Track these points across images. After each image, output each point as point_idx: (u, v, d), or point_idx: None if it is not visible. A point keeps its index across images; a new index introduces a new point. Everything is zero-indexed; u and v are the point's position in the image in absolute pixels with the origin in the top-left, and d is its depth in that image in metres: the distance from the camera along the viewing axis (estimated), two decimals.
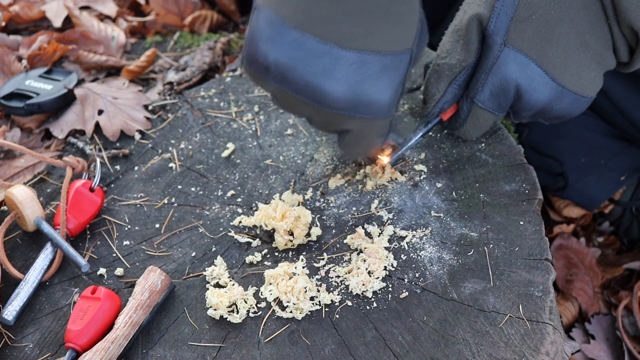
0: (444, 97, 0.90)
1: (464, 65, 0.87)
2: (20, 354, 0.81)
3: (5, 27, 1.40)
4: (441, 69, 0.89)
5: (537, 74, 0.84)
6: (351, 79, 0.75)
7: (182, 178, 1.00)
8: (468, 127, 0.92)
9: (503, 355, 0.73)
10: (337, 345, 0.76)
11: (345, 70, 0.74)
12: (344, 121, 0.80)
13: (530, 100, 0.86)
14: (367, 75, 0.75)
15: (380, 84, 0.76)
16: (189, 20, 1.36)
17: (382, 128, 0.82)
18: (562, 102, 0.87)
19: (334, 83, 0.74)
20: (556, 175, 1.38)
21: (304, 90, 0.76)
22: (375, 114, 0.79)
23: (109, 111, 1.09)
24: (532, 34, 0.82)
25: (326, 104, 0.77)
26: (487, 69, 0.85)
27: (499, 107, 0.88)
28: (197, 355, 0.78)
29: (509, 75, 0.84)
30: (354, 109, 0.77)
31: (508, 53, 0.83)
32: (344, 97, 0.76)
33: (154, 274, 0.83)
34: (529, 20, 0.82)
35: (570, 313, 1.35)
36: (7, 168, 1.04)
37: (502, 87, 0.85)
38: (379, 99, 0.77)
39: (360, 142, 0.85)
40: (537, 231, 0.84)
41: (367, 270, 0.82)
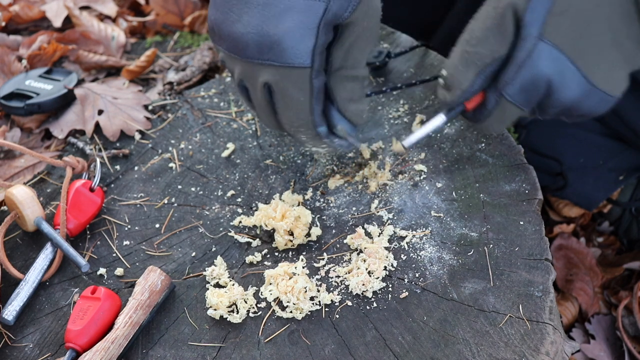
0: (471, 87, 0.84)
1: (495, 56, 0.82)
2: (20, 354, 0.81)
3: (5, 27, 1.40)
4: (471, 57, 0.84)
5: (570, 71, 0.80)
6: (256, 20, 0.78)
7: (182, 178, 1.00)
8: (492, 120, 0.87)
9: (503, 355, 0.73)
10: (337, 345, 0.76)
11: (252, 13, 0.78)
12: (260, 71, 0.81)
13: (560, 97, 0.82)
14: (271, 16, 0.77)
15: (284, 23, 0.77)
16: (189, 20, 1.36)
17: (300, 81, 0.80)
18: (590, 101, 0.84)
19: (241, 26, 0.79)
20: (555, 175, 1.38)
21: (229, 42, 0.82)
22: (284, 58, 0.79)
23: (109, 111, 1.09)
24: (568, 28, 0.79)
25: (242, 52, 0.81)
26: (519, 62, 0.80)
27: (527, 102, 0.84)
28: (197, 355, 0.78)
29: (542, 70, 0.80)
30: (264, 53, 0.79)
31: (543, 47, 0.79)
32: (253, 39, 0.79)
33: (154, 274, 0.83)
34: (565, 14, 0.78)
35: (570, 313, 1.35)
36: (7, 168, 1.04)
37: (534, 82, 0.81)
38: (282, 39, 0.78)
39: (285, 102, 0.83)
40: (537, 231, 0.84)
41: (367, 270, 0.82)
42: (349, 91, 0.85)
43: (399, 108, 1.03)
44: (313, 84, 0.81)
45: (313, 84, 0.81)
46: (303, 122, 0.85)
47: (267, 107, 0.86)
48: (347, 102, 0.85)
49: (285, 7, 0.78)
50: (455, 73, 0.86)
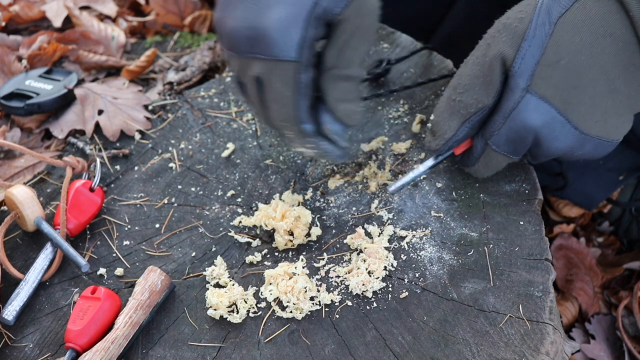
0: (455, 136, 0.84)
1: (480, 107, 0.81)
2: (20, 354, 0.81)
3: (5, 27, 1.40)
4: (456, 105, 0.83)
5: (559, 123, 0.78)
6: (246, 14, 0.78)
7: (182, 178, 1.00)
8: (480, 166, 0.87)
9: (503, 355, 0.73)
10: (337, 345, 0.76)
11: (243, 7, 0.78)
12: (250, 65, 0.81)
13: (549, 148, 0.81)
14: (260, 8, 0.77)
15: (271, 15, 0.77)
16: (189, 20, 1.36)
17: (285, 75, 0.79)
18: (585, 148, 0.82)
19: (234, 21, 0.79)
20: (555, 175, 1.38)
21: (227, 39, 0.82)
22: (270, 51, 0.78)
23: (109, 111, 1.09)
24: (558, 80, 0.77)
25: (235, 47, 0.81)
26: (505, 113, 0.79)
27: (515, 151, 0.83)
28: (197, 355, 0.78)
29: (528, 122, 0.78)
30: (253, 47, 0.79)
31: (530, 99, 0.77)
32: (242, 33, 0.79)
33: (154, 274, 0.83)
34: (556, 66, 0.76)
35: (570, 313, 1.35)
36: (7, 168, 1.04)
37: (520, 134, 0.80)
38: (269, 31, 0.77)
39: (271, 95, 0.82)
40: (537, 231, 0.84)
41: (367, 270, 0.82)
42: (341, 91, 0.83)
43: (399, 108, 1.03)
44: (299, 79, 0.80)
45: (299, 78, 0.80)
46: (287, 116, 0.83)
47: (259, 101, 0.85)
48: (338, 102, 0.83)
49: (275, 0, 0.77)
50: (440, 121, 0.85)
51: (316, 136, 0.85)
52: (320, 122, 0.84)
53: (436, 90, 1.04)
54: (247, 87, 0.85)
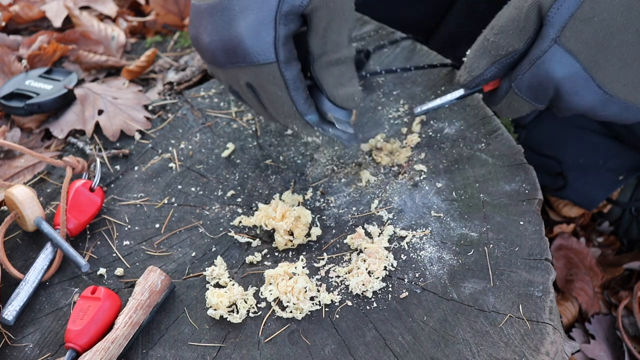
0: (483, 74, 0.85)
1: (510, 50, 0.82)
2: (20, 354, 0.81)
3: (5, 27, 1.40)
4: (489, 45, 0.84)
5: (582, 79, 0.79)
6: (216, 28, 0.80)
7: (182, 178, 1.00)
8: (503, 106, 0.88)
9: (503, 355, 0.73)
10: (337, 345, 0.76)
11: (213, 21, 0.81)
12: (237, 75, 0.83)
13: (570, 102, 0.81)
14: (228, 20, 0.79)
15: (240, 24, 0.78)
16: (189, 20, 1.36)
17: (271, 77, 0.81)
18: (609, 110, 0.82)
19: (207, 36, 0.82)
20: (555, 176, 1.39)
21: (204, 54, 0.85)
22: (249, 58, 0.80)
23: (109, 111, 1.09)
24: (589, 36, 0.77)
25: (215, 61, 0.84)
26: (532, 60, 0.80)
27: (536, 98, 0.83)
28: (197, 355, 0.78)
29: (551, 73, 0.79)
30: (232, 57, 0.81)
31: (556, 51, 0.78)
32: (217, 47, 0.81)
33: (154, 274, 0.83)
34: (589, 22, 0.76)
35: (570, 313, 1.36)
36: (7, 168, 1.04)
37: (542, 83, 0.80)
38: (241, 39, 0.79)
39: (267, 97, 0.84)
40: (537, 231, 0.84)
41: (367, 270, 0.82)
42: (335, 76, 0.83)
43: (399, 108, 1.03)
44: (285, 76, 0.81)
45: (285, 75, 0.81)
46: (288, 113, 0.85)
47: (258, 103, 0.86)
48: (335, 88, 0.84)
49: (240, 9, 0.78)
50: (472, 57, 0.86)
51: (321, 124, 0.87)
52: (323, 111, 0.85)
53: (436, 90, 1.04)
54: (242, 93, 0.87)
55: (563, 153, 1.35)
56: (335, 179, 0.96)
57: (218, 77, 0.91)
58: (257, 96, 0.85)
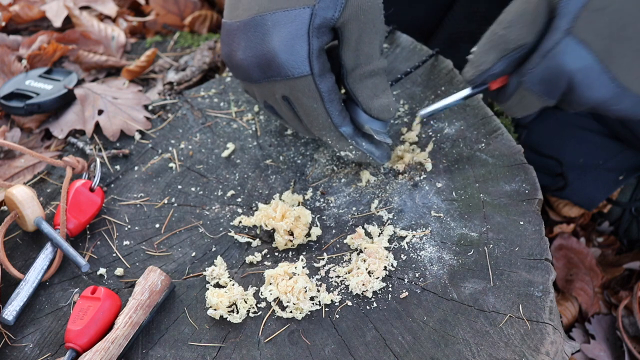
0: (491, 69, 0.82)
1: (520, 43, 0.80)
2: (20, 354, 0.81)
3: (5, 27, 1.40)
4: (497, 39, 0.82)
5: (596, 71, 0.77)
6: (250, 44, 0.81)
7: (182, 178, 1.00)
8: (512, 104, 0.86)
9: (503, 355, 0.73)
10: (337, 345, 0.76)
11: (246, 38, 0.82)
12: (272, 89, 0.85)
13: (582, 95, 0.79)
14: (262, 35, 0.80)
15: (274, 39, 0.80)
16: (189, 20, 1.36)
17: (306, 90, 0.82)
18: (622, 104, 0.80)
19: (241, 53, 0.83)
20: (555, 176, 1.39)
21: (237, 71, 0.87)
22: (284, 72, 0.81)
23: (109, 111, 1.09)
24: (602, 27, 0.75)
25: (249, 77, 0.85)
26: (543, 52, 0.78)
27: (548, 93, 0.81)
28: (197, 355, 0.78)
29: (563, 65, 0.77)
30: (266, 72, 0.82)
31: (569, 42, 0.76)
32: (252, 63, 0.82)
33: (154, 274, 0.83)
34: (602, 12, 0.75)
35: (570, 313, 1.35)
36: (7, 168, 1.04)
37: (554, 76, 0.78)
38: (275, 55, 0.80)
39: (303, 110, 0.85)
40: (537, 231, 0.84)
41: (367, 270, 0.82)
42: (370, 88, 0.84)
43: (399, 108, 1.03)
44: (320, 88, 0.82)
45: (320, 88, 0.82)
46: (323, 125, 0.86)
47: (294, 117, 0.88)
48: (371, 100, 0.84)
49: (273, 24, 0.79)
50: (479, 52, 0.84)
51: (355, 137, 0.87)
52: (359, 123, 0.86)
53: (436, 90, 1.04)
54: (277, 107, 0.89)
55: (563, 153, 1.35)
56: (335, 179, 0.96)
57: (252, 94, 0.92)
58: (293, 109, 0.87)
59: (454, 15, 1.30)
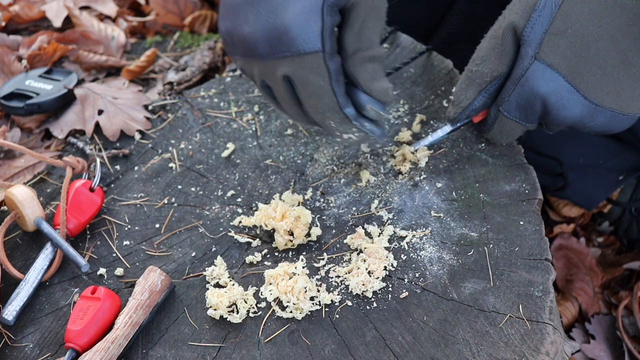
0: (471, 105, 0.88)
1: (495, 75, 0.85)
2: (20, 354, 0.81)
3: (5, 27, 1.40)
4: (473, 75, 0.87)
5: (567, 91, 0.81)
6: (261, 17, 0.79)
7: (182, 178, 1.00)
8: (494, 132, 0.90)
9: (503, 355, 0.73)
10: (337, 345, 0.76)
11: (256, 11, 0.79)
12: (276, 66, 0.82)
13: (558, 116, 0.83)
14: (274, 8, 0.78)
15: (287, 13, 0.78)
16: (189, 20, 1.36)
17: (315, 66, 0.80)
18: (597, 120, 0.83)
19: (249, 26, 0.80)
20: (555, 176, 1.38)
21: (242, 47, 0.83)
22: (295, 47, 0.79)
23: (109, 111, 1.09)
24: (566, 49, 0.79)
25: (255, 52, 0.82)
26: (515, 79, 0.82)
27: (526, 118, 0.85)
28: (197, 355, 0.78)
29: (536, 89, 0.81)
30: (275, 47, 0.80)
31: (537, 67, 0.80)
32: (261, 37, 0.80)
33: (154, 274, 0.83)
34: (564, 34, 0.79)
35: (570, 313, 1.35)
36: (7, 168, 1.04)
37: (528, 100, 0.83)
38: (289, 29, 0.78)
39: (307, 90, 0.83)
40: (537, 231, 0.84)
41: (367, 270, 0.82)
42: (370, 72, 0.84)
43: (399, 108, 1.03)
44: (329, 66, 0.81)
45: (329, 66, 0.81)
46: (328, 106, 0.84)
47: (292, 99, 0.86)
48: (371, 82, 0.84)
49: None
50: (459, 91, 0.89)
51: (358, 118, 0.87)
52: (360, 104, 0.85)
53: (436, 90, 1.04)
54: (275, 89, 0.86)
55: (563, 153, 1.35)
56: (335, 179, 0.96)
57: (250, 72, 0.89)
58: (293, 90, 0.85)
59: (453, 16, 1.30)
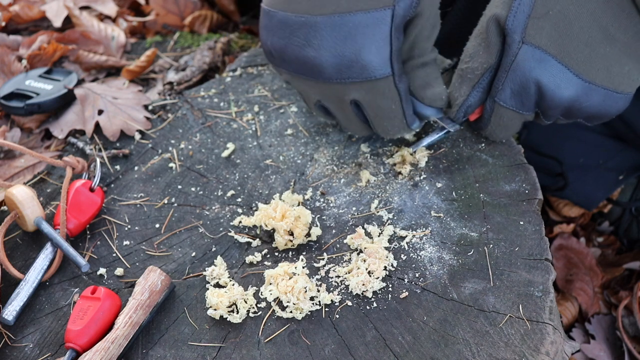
0: (467, 101, 0.88)
1: (485, 67, 0.85)
2: (20, 354, 0.81)
3: (5, 27, 1.40)
4: (464, 72, 0.88)
5: (558, 70, 0.81)
6: (328, 43, 0.80)
7: (182, 178, 1.00)
8: (493, 127, 0.90)
9: (503, 355, 0.73)
10: (337, 345, 0.76)
11: (320, 36, 0.80)
12: (344, 91, 0.84)
13: (554, 97, 0.83)
14: (343, 36, 0.79)
15: (357, 41, 0.79)
16: (189, 20, 1.36)
17: (386, 90, 0.82)
18: (592, 99, 0.84)
19: (313, 50, 0.81)
20: (555, 176, 1.38)
21: (297, 65, 0.84)
22: (366, 73, 0.81)
23: (109, 111, 1.09)
24: (551, 29, 0.80)
25: (318, 75, 0.83)
26: (506, 67, 0.83)
27: (522, 105, 0.86)
28: (197, 355, 0.78)
29: (528, 72, 0.82)
30: (343, 73, 0.81)
31: (526, 50, 0.81)
32: (328, 62, 0.81)
33: (154, 274, 0.83)
34: (547, 16, 0.80)
35: (570, 313, 1.35)
36: (7, 168, 1.04)
37: (523, 85, 0.83)
38: (359, 56, 0.79)
39: (377, 113, 0.86)
40: (537, 231, 0.84)
41: (367, 270, 0.82)
42: (421, 77, 0.86)
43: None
44: (399, 89, 0.83)
45: (399, 88, 0.83)
46: (398, 126, 0.88)
47: (357, 120, 0.89)
48: (423, 89, 0.86)
49: (355, 25, 0.79)
50: (453, 91, 0.90)
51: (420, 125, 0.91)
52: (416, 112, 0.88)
53: None
54: (338, 109, 0.88)
55: (563, 153, 1.36)
56: (335, 179, 0.96)
57: (302, 89, 0.90)
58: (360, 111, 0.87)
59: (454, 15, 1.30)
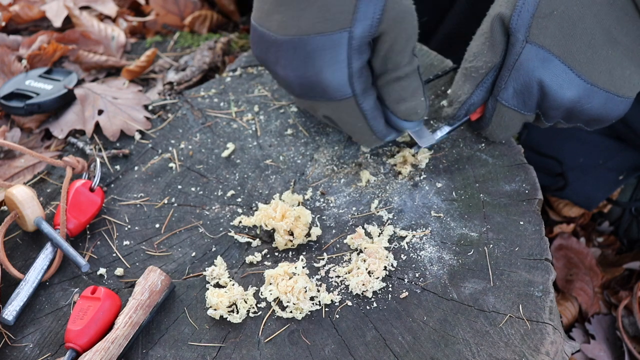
0: (470, 99, 0.88)
1: (490, 66, 0.85)
2: (20, 354, 0.81)
3: (5, 27, 1.40)
4: (468, 71, 0.88)
5: (561, 70, 0.81)
6: (292, 65, 0.81)
7: (182, 178, 1.00)
8: (494, 126, 0.90)
9: (503, 355, 0.73)
10: (337, 345, 0.76)
11: (286, 56, 0.81)
12: (314, 107, 0.87)
13: (555, 97, 0.83)
14: (302, 59, 0.80)
15: (315, 65, 0.80)
16: (189, 20, 1.36)
17: (349, 110, 0.84)
18: (593, 101, 0.84)
19: (281, 69, 0.83)
20: (555, 176, 1.39)
21: (277, 78, 0.88)
22: (327, 95, 0.82)
23: (109, 111, 1.09)
24: (555, 29, 0.80)
25: (291, 91, 0.87)
26: (510, 66, 0.83)
27: (524, 105, 0.85)
28: (197, 355, 0.78)
29: (531, 71, 0.82)
30: (309, 92, 0.83)
31: (530, 49, 0.81)
32: (294, 82, 0.83)
33: (154, 274, 0.83)
34: (551, 16, 0.80)
35: (570, 313, 1.35)
36: (7, 168, 1.04)
37: (525, 84, 0.83)
38: (319, 79, 0.80)
39: (347, 129, 0.88)
40: (537, 231, 0.84)
41: (367, 270, 0.82)
42: (396, 92, 0.85)
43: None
44: (362, 109, 0.84)
45: (362, 108, 0.84)
46: (370, 140, 0.90)
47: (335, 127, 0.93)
48: (397, 104, 0.86)
49: (313, 48, 0.79)
50: (456, 88, 0.90)
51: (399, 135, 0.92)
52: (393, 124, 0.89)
53: (436, 91, 1.04)
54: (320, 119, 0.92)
55: (563, 153, 1.36)
56: (335, 179, 0.96)
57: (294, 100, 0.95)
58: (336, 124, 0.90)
59: (454, 15, 1.30)
